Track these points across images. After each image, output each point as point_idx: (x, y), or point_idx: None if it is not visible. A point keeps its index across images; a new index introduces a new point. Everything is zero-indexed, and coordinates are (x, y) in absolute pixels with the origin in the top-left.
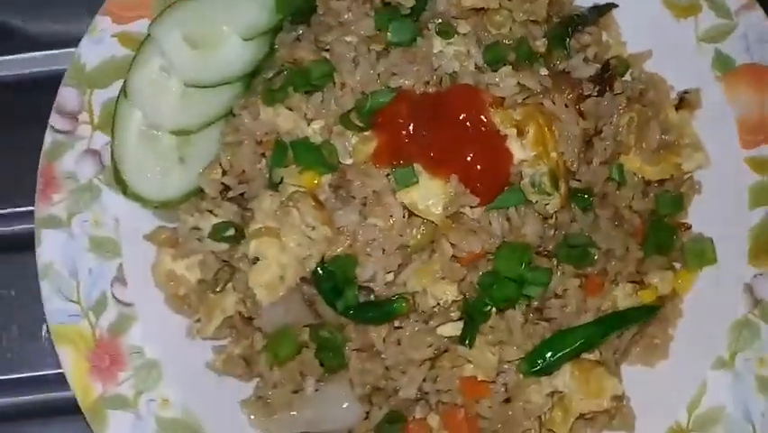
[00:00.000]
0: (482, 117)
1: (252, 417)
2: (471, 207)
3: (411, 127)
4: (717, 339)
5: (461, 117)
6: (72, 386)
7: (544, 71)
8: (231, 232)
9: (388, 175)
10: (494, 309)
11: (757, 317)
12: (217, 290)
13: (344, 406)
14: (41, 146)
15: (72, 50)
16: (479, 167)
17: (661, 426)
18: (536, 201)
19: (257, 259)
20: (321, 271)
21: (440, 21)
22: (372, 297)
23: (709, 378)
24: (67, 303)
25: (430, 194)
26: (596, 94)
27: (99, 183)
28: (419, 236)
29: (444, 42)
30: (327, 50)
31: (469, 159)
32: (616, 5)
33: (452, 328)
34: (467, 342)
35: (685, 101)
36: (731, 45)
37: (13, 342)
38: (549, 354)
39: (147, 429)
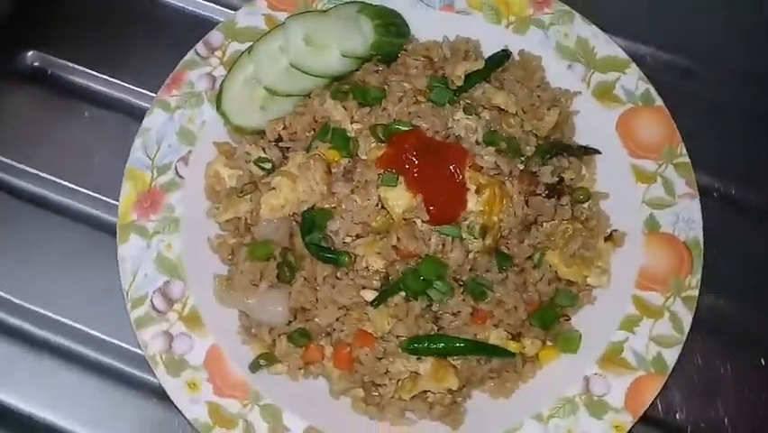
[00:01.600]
0: (460, 171)
1: (217, 286)
2: (423, 221)
3: (411, 153)
4: (546, 402)
5: (447, 165)
6: (119, 207)
7: (520, 165)
8: (268, 165)
9: (379, 175)
10: (403, 294)
11: (581, 401)
12: (240, 195)
13: (279, 309)
14: (181, 59)
15: (229, 11)
16: (441, 199)
17: None
18: (465, 239)
19: (273, 188)
20: (307, 214)
21: (469, 102)
22: (332, 247)
23: (526, 422)
24: (145, 157)
25: (400, 198)
26: (544, 196)
27: (204, 96)
28: (380, 222)
29: (464, 116)
30: (388, 85)
31: (437, 191)
32: (599, 152)
33: (370, 295)
34: (375, 305)
35: (612, 237)
36: (663, 216)
37: (97, 174)
38: (425, 345)
39: (148, 257)
